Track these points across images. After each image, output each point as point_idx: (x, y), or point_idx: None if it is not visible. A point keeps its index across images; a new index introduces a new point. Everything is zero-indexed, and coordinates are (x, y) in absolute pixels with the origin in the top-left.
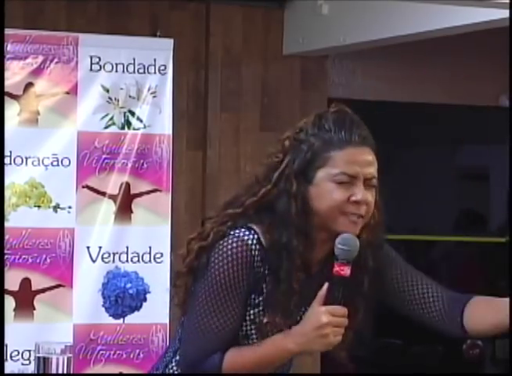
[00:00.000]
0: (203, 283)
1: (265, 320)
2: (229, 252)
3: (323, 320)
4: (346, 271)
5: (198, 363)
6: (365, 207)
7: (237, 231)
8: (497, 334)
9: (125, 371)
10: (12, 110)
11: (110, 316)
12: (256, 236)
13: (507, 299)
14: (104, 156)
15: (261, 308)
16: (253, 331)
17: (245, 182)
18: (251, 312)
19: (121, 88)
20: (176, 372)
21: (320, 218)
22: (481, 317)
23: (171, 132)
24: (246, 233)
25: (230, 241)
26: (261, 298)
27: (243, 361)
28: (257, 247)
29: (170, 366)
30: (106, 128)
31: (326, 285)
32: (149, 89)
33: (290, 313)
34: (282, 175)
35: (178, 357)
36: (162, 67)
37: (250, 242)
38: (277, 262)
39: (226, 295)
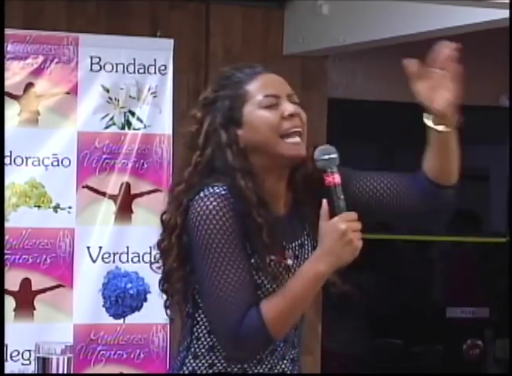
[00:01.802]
0: (199, 250)
1: (267, 260)
2: (210, 207)
3: (342, 227)
4: (337, 179)
5: (236, 328)
6: (300, 120)
7: (204, 192)
8: (448, 166)
9: (126, 371)
10: (12, 110)
11: (111, 316)
12: (223, 187)
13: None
14: (104, 156)
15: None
16: (262, 278)
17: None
18: (252, 260)
19: (121, 88)
20: (191, 366)
21: (265, 151)
22: (430, 163)
23: (171, 132)
24: (215, 189)
25: (205, 200)
26: (256, 244)
27: (282, 304)
28: (230, 195)
29: (186, 361)
30: (106, 128)
31: (324, 201)
32: (149, 89)
33: (283, 248)
34: (207, 135)
35: (192, 349)
36: (162, 67)
37: (223, 192)
38: (243, 211)
39: (228, 248)
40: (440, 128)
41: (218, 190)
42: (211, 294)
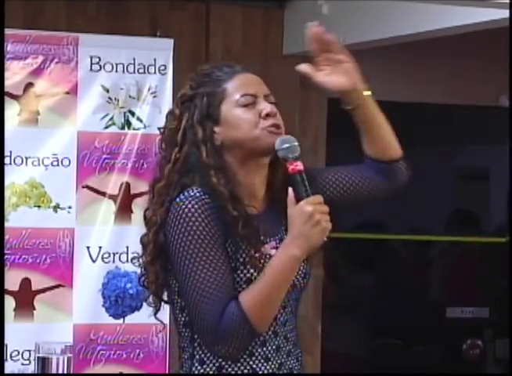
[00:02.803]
0: (177, 252)
1: (251, 253)
2: (186, 210)
3: (309, 209)
4: (300, 166)
5: (217, 325)
6: (277, 119)
7: (181, 196)
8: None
9: (125, 371)
10: (12, 110)
11: (110, 316)
12: (198, 189)
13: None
14: (104, 156)
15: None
16: (251, 271)
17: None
18: (238, 256)
19: (121, 88)
20: (199, 373)
21: (243, 146)
22: (367, 145)
23: None
24: (190, 192)
25: (181, 204)
26: (237, 239)
27: (260, 292)
28: (206, 196)
29: (193, 369)
30: (106, 128)
31: (290, 189)
32: (149, 89)
33: (264, 240)
34: (184, 131)
35: (197, 356)
36: (162, 67)
37: (198, 194)
38: (222, 207)
39: (205, 249)
40: (350, 106)
41: (194, 193)
42: (190, 294)
